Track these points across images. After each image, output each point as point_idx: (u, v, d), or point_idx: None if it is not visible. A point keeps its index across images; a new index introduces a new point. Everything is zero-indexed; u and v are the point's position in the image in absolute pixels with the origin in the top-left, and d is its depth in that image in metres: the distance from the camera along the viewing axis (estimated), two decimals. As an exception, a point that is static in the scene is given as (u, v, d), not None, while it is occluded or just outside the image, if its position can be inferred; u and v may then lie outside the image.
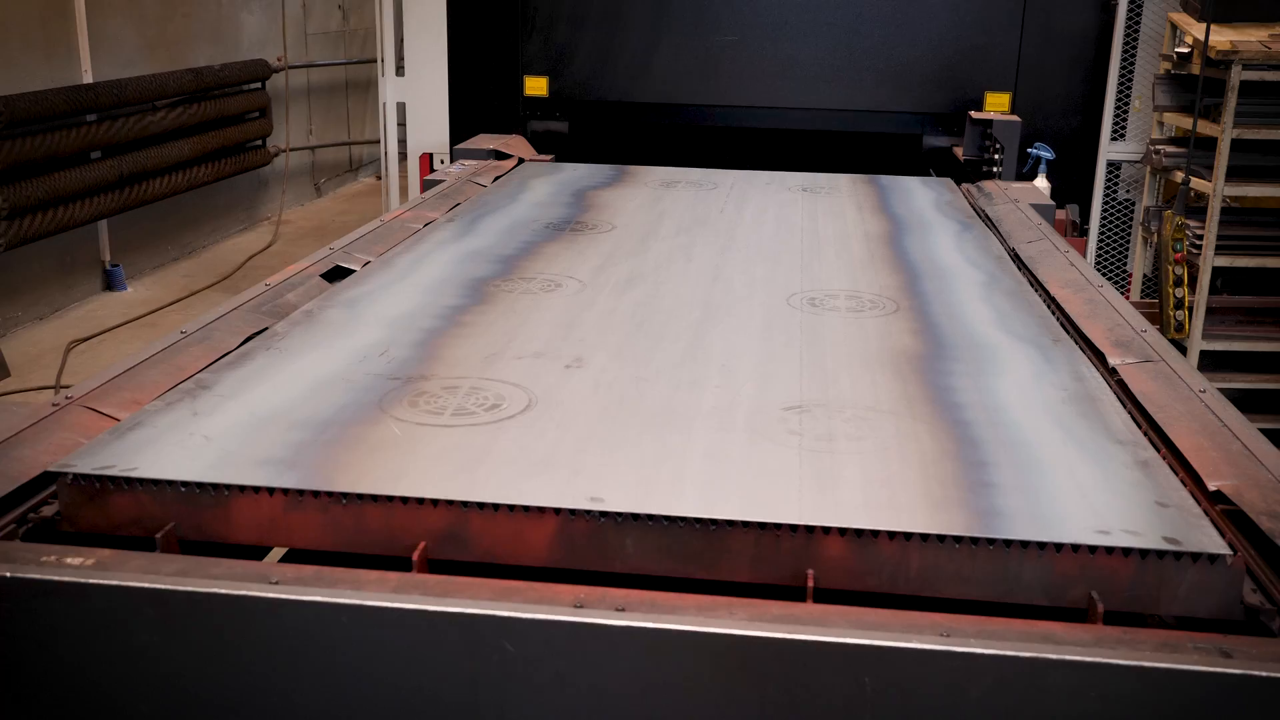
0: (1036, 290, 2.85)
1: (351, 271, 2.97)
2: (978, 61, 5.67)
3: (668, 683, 1.36)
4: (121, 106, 7.69)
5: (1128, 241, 6.58)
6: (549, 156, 5.32)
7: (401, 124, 7.07)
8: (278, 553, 1.72)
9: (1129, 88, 6.42)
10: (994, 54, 5.65)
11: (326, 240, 3.36)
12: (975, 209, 4.11)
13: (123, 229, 8.16)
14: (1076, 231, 6.68)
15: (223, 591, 1.41)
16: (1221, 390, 2.13)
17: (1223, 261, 5.84)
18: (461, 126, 6.24)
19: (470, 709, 1.40)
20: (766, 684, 1.34)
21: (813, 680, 1.33)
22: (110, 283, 8.06)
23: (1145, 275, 6.34)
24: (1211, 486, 1.71)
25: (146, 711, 1.46)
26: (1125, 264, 6.57)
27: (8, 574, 1.44)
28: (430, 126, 6.81)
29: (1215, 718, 1.25)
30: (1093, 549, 1.47)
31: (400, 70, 6.96)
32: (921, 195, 4.08)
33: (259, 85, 9.83)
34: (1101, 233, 6.54)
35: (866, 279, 2.83)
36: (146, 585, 1.43)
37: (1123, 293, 6.81)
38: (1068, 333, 2.49)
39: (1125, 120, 6.47)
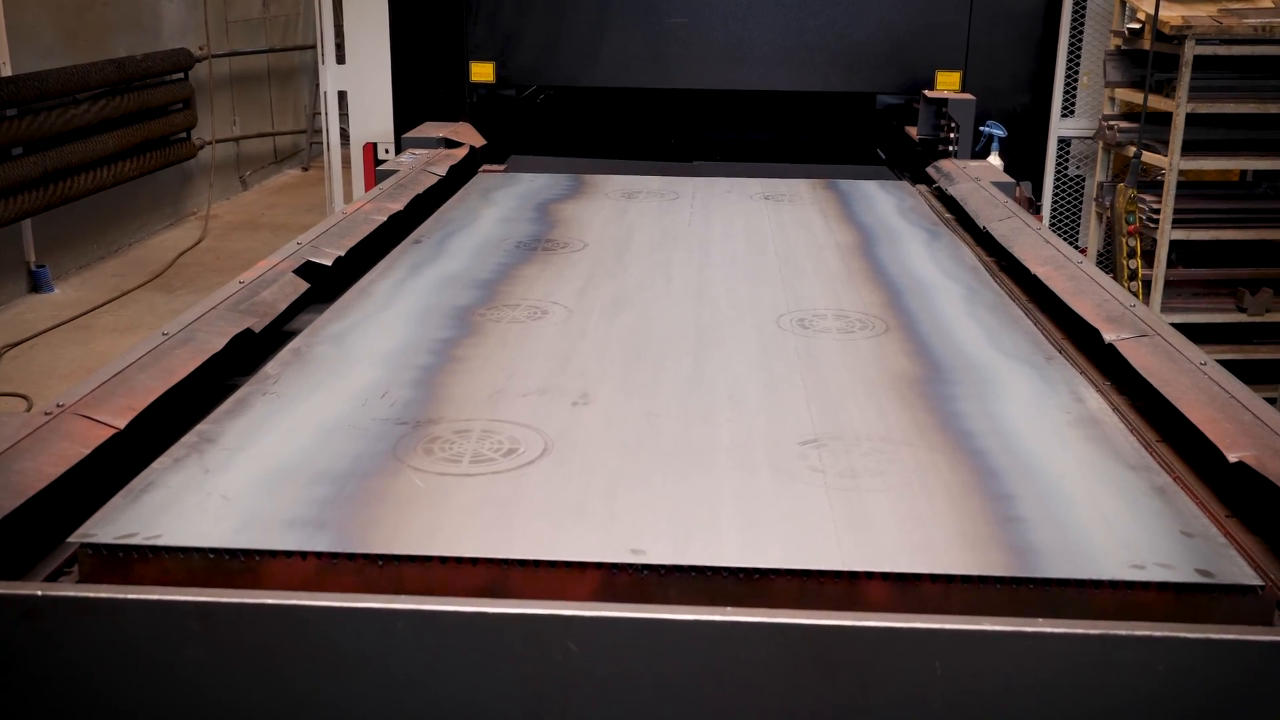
0: (1016, 272, 2.93)
1: (323, 266, 2.96)
2: (927, 41, 5.73)
3: (736, 675, 1.40)
4: (43, 100, 7.50)
5: (1079, 217, 6.74)
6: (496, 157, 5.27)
7: (343, 114, 6.98)
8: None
9: (1078, 64, 6.56)
10: (943, 33, 5.72)
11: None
12: (938, 193, 4.20)
13: (47, 228, 7.97)
14: (1033, 209, 6.83)
15: (271, 602, 1.43)
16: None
17: (1179, 235, 6.02)
18: (406, 115, 6.18)
19: (534, 714, 1.43)
20: (838, 672, 1.39)
21: (884, 666, 1.39)
22: (36, 284, 7.88)
23: (1099, 251, 6.51)
24: (1233, 458, 1.80)
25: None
26: (1077, 240, 6.74)
27: (39, 593, 1.44)
28: (373, 115, 6.72)
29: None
30: (1130, 584, 1.53)
31: (341, 58, 6.86)
32: (884, 201, 4.17)
33: (182, 76, 9.62)
34: (1054, 209, 6.70)
35: (849, 296, 2.89)
36: (190, 599, 1.44)
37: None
38: (1056, 309, 2.61)
39: (1075, 97, 6.61)
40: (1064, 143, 6.65)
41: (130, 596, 1.44)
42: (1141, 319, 2.56)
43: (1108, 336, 2.46)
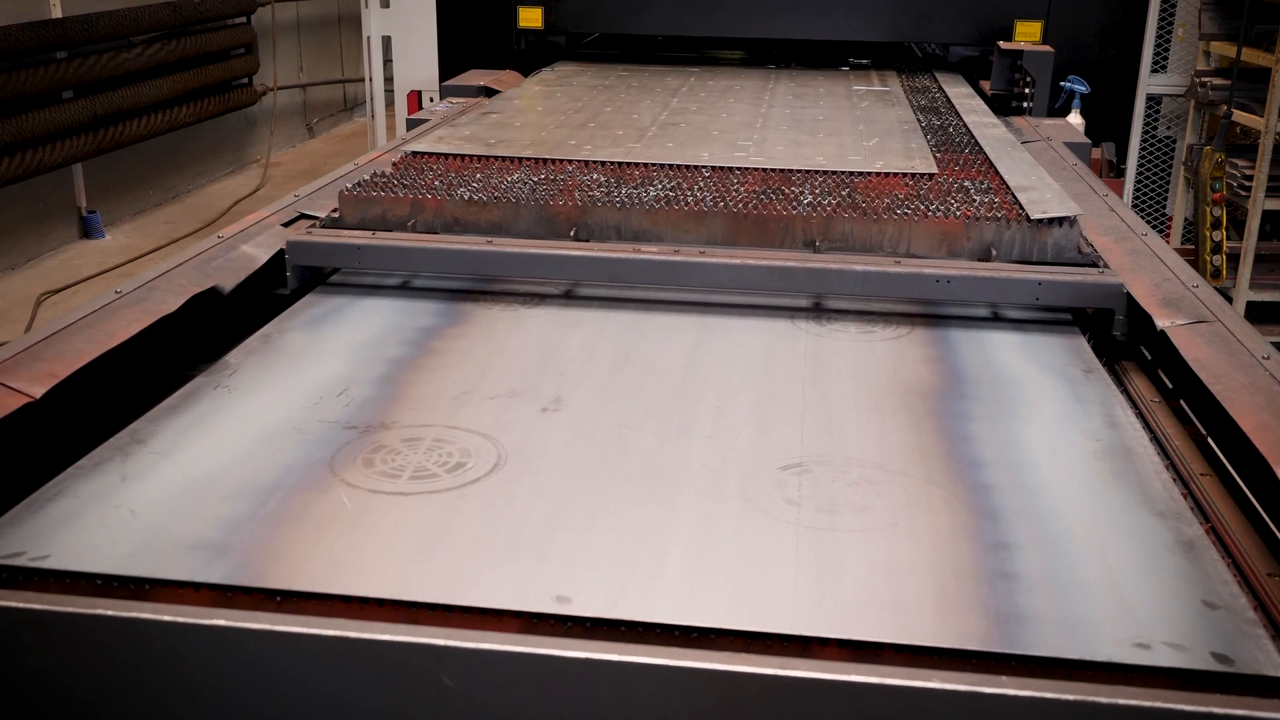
0: None
1: (315, 218, 2.82)
2: None
3: None
4: (93, 43, 7.48)
5: (1167, 183, 6.33)
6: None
7: (389, 60, 6.84)
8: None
9: (1172, 15, 6.12)
10: None
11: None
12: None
13: (100, 173, 7.99)
14: (1113, 172, 6.45)
15: (111, 614, 1.30)
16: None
17: (1274, 205, 5.60)
18: (451, 61, 6.01)
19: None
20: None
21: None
22: (87, 230, 7.91)
23: (1186, 219, 6.12)
24: None
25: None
26: (1164, 207, 6.34)
27: None
28: (418, 62, 6.58)
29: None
30: (1129, 669, 1.32)
31: (385, 1, 6.71)
32: None
33: (244, 19, 9.56)
34: (1139, 173, 6.30)
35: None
36: (26, 606, 1.33)
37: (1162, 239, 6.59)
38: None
39: (1167, 50, 6.18)
40: (1153, 101, 6.24)
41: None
42: (1203, 302, 2.31)
43: (1159, 322, 2.21)
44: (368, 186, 2.87)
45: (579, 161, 3.17)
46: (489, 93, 4.81)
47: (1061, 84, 5.53)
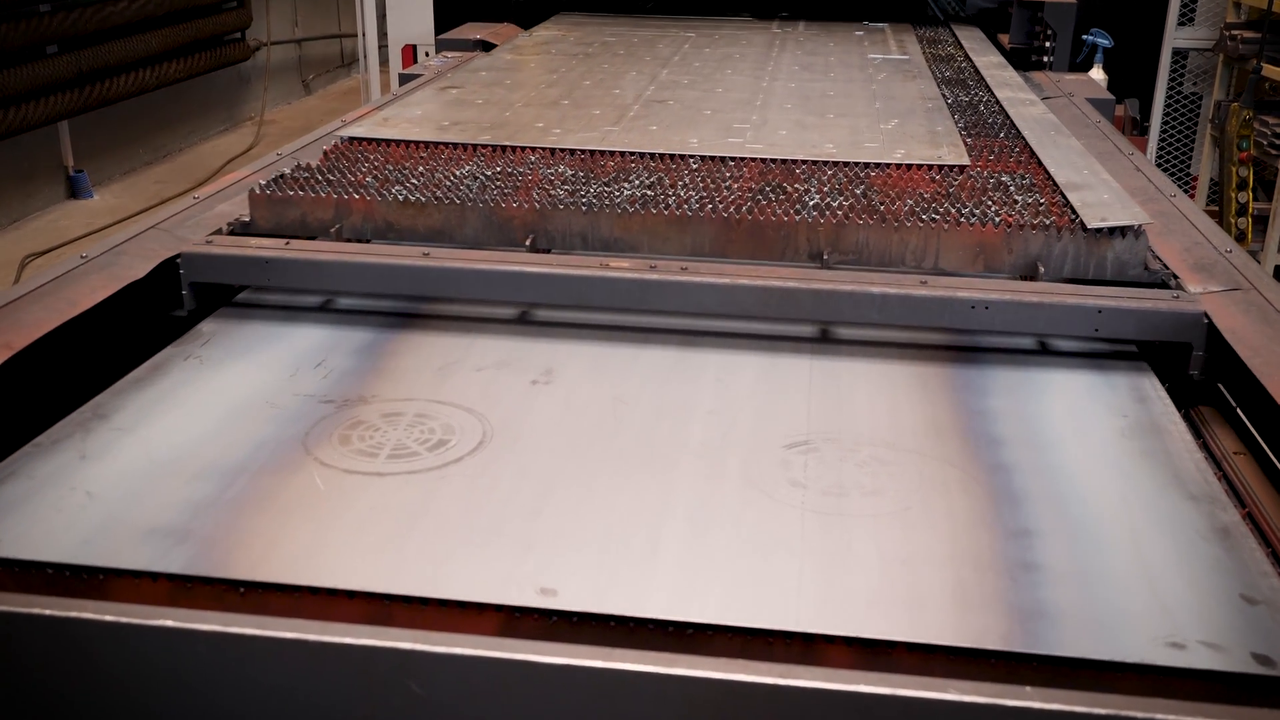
0: None
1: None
2: None
3: None
4: (77, -5, 7.33)
5: (1192, 142, 6.19)
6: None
7: (383, 15, 6.70)
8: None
9: (1200, -35, 5.96)
10: None
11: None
12: None
13: (87, 131, 7.87)
14: (1136, 130, 6.31)
15: (50, 614, 1.21)
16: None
17: (1303, 166, 5.48)
18: (447, 14, 5.87)
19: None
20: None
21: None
22: (74, 190, 7.81)
23: (1211, 180, 5.98)
24: None
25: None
26: (1188, 167, 6.20)
27: None
28: (414, 15, 6.44)
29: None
30: (1162, 670, 1.23)
31: (379, -48, 6.56)
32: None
33: (235, -29, 9.39)
34: (1163, 131, 6.16)
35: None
36: None
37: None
38: None
39: (1194, 2, 6.02)
40: (1179, 55, 6.08)
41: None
42: (1238, 268, 2.21)
43: (1192, 289, 2.10)
44: (285, 183, 2.44)
45: (544, 150, 2.72)
46: (486, 46, 4.69)
47: (1084, 37, 5.40)
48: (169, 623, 1.12)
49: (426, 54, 6.30)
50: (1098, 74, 5.57)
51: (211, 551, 1.44)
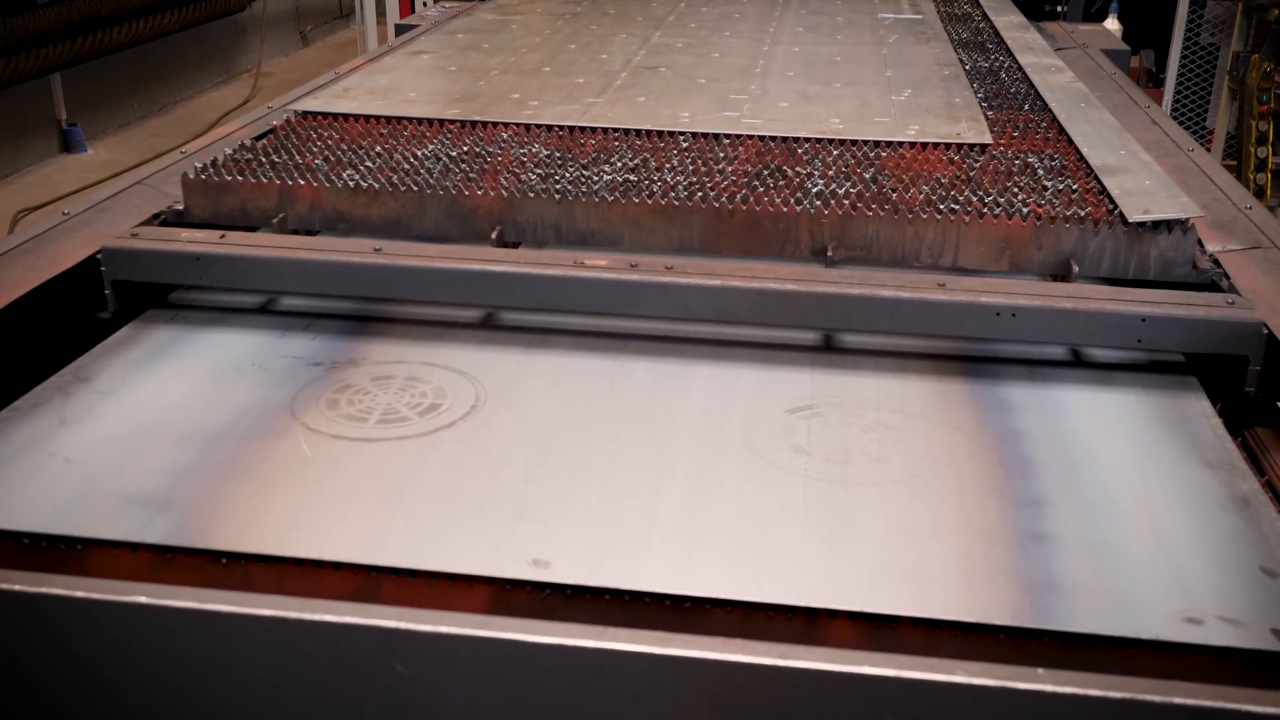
0: None
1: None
2: None
3: (610, 715, 1.11)
4: (67, -56, 7.22)
5: (1209, 94, 6.09)
6: None
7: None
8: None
9: (1220, -89, 5.84)
10: None
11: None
12: None
13: (80, 84, 7.79)
14: (1151, 82, 6.21)
15: (17, 589, 1.17)
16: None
17: (1322, 120, 5.38)
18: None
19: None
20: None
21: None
22: (68, 144, 7.73)
23: (1228, 134, 5.88)
24: None
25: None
26: (1205, 121, 6.10)
27: None
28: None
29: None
30: (1178, 647, 1.19)
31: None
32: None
33: (229, -84, 9.25)
34: (1179, 84, 6.06)
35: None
36: None
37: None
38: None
39: (1214, -50, 5.90)
40: (1197, 4, 5.96)
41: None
42: (1258, 225, 2.17)
43: (1211, 247, 2.06)
44: (224, 167, 2.22)
45: (517, 126, 2.50)
46: None
47: (1098, -13, 5.30)
48: (142, 599, 1.08)
49: (425, 3, 6.21)
50: (1112, 24, 5.48)
51: (193, 521, 1.40)
